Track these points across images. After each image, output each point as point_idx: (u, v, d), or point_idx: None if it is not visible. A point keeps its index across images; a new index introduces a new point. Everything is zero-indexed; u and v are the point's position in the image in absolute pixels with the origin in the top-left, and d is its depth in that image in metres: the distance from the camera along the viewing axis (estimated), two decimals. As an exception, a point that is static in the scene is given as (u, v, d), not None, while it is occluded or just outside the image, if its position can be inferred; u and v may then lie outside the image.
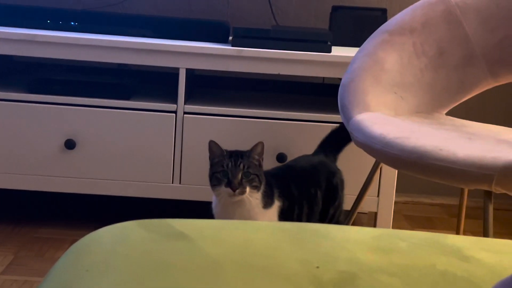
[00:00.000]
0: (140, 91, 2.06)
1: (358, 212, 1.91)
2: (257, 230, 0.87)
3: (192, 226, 0.84)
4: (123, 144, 1.92)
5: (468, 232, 2.13)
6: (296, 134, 1.94)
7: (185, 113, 1.92)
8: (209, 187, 1.96)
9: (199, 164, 1.93)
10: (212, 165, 1.58)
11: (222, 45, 1.93)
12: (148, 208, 2.17)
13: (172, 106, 1.92)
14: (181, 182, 1.94)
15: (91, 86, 1.94)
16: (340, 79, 1.65)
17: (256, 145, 1.59)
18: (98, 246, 0.81)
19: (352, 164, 1.92)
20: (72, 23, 2.00)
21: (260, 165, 1.59)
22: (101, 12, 2.11)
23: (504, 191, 1.27)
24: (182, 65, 1.89)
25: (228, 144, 1.93)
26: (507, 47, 1.64)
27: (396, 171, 1.94)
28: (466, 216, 1.88)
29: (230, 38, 2.01)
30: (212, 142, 1.58)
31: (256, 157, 1.58)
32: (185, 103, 1.92)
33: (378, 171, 1.89)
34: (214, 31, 2.01)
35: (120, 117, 1.91)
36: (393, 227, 1.99)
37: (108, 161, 1.92)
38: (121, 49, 1.89)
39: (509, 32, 1.64)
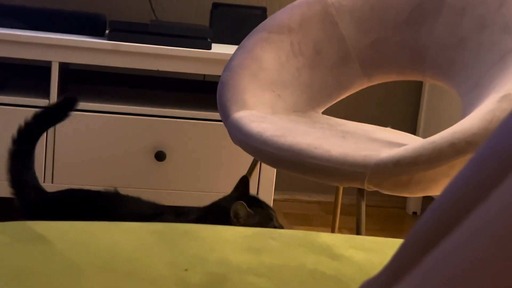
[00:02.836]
0: (10, 85, 1.95)
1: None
2: (125, 232, 0.83)
3: (53, 229, 0.78)
4: (-10, 141, 1.80)
5: (344, 228, 2.18)
6: (176, 132, 1.90)
7: (58, 109, 1.83)
8: (82, 186, 1.90)
9: (72, 163, 1.85)
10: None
11: (98, 39, 1.86)
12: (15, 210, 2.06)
13: (44, 102, 1.82)
14: (53, 182, 1.85)
15: (-46, 79, 1.82)
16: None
17: None
18: None
19: (231, 162, 1.91)
20: None
21: None
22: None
23: (376, 189, 1.30)
24: (55, 59, 1.81)
25: (105, 142, 1.87)
26: (379, 49, 1.69)
27: (275, 169, 1.95)
28: (342, 213, 1.92)
29: (107, 31, 1.94)
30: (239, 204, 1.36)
31: None
32: (58, 98, 1.84)
33: (257, 169, 1.90)
34: (89, 24, 1.93)
35: (-13, 113, 1.79)
36: (271, 225, 2.00)
37: (-27, 159, 1.80)
38: (-12, 40, 1.78)
39: (381, 35, 1.69)
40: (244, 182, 1.47)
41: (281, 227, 1.44)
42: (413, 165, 1.23)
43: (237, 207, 1.35)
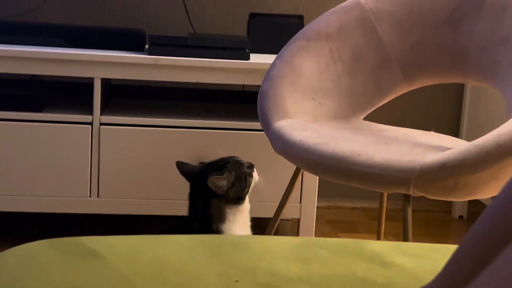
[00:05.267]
0: (54, 102, 1.99)
1: (281, 219, 1.90)
2: (174, 244, 0.83)
3: (105, 243, 0.80)
4: (37, 158, 1.84)
5: (389, 234, 2.16)
6: (218, 143, 1.91)
7: (101, 124, 1.86)
8: (127, 199, 1.92)
9: (117, 176, 1.88)
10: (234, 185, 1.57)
11: (138, 54, 1.88)
12: (65, 225, 2.09)
13: (87, 117, 1.85)
14: (99, 196, 1.88)
15: (1, 99, 1.86)
16: (260, 86, 1.64)
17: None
18: (3, 269, 0.76)
19: (273, 171, 1.91)
20: (-21, 33, 1.91)
21: None
22: (12, 22, 2.02)
23: (422, 194, 1.29)
24: (97, 75, 1.84)
25: (148, 155, 1.89)
26: (420, 51, 1.67)
27: (317, 177, 1.94)
28: (387, 219, 1.91)
29: (147, 46, 1.97)
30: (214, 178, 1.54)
31: None
32: (101, 114, 1.86)
33: (300, 177, 1.89)
34: (129, 40, 1.96)
35: (33, 130, 1.83)
36: (316, 232, 2.00)
37: (21, 176, 1.84)
38: (33, 60, 1.82)
39: (421, 37, 1.67)
40: (180, 165, 1.61)
41: (252, 165, 1.60)
42: (459, 169, 1.22)
43: (212, 181, 1.50)
